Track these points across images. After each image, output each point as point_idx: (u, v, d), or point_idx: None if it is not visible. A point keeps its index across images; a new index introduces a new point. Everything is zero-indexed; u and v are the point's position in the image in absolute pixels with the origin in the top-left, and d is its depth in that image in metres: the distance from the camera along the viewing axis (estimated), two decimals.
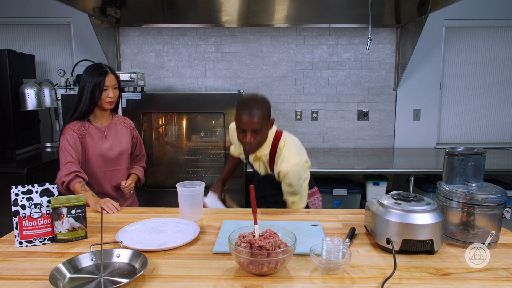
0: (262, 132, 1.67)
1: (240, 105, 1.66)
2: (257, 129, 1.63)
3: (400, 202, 1.24)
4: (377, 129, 3.71)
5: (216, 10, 3.20)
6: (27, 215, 1.29)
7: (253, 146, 1.69)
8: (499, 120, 3.75)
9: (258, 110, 1.63)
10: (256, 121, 1.62)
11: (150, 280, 1.05)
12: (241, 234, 1.14)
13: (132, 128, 2.11)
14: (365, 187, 3.14)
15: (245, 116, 1.62)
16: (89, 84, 1.84)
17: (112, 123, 2.01)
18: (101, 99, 1.87)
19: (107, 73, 1.87)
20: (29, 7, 3.51)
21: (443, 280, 1.05)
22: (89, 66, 1.91)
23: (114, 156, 1.96)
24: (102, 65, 1.91)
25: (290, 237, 1.14)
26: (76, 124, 1.88)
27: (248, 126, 1.62)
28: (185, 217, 1.54)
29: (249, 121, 1.61)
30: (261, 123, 1.64)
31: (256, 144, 1.68)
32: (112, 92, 1.89)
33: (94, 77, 1.84)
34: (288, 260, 1.08)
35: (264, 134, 1.69)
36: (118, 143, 1.98)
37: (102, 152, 1.91)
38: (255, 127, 1.63)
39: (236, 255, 1.07)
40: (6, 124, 3.06)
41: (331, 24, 3.53)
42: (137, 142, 2.15)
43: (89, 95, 1.85)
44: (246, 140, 1.66)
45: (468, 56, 3.65)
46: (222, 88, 3.65)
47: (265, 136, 1.71)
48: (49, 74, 3.66)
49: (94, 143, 1.90)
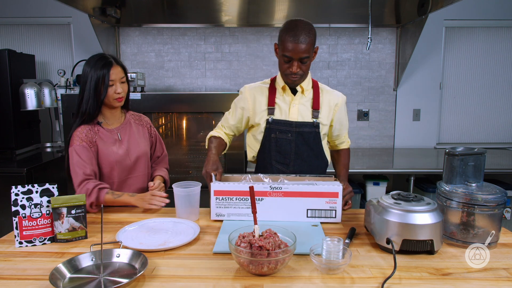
0: (309, 61, 1.57)
1: (286, 30, 1.53)
2: (305, 57, 1.54)
3: (400, 202, 1.24)
4: (377, 129, 3.71)
5: (216, 10, 3.20)
6: (27, 215, 1.29)
7: (298, 76, 1.59)
8: (499, 120, 3.75)
9: (307, 37, 1.51)
10: (305, 48, 1.51)
11: (150, 280, 1.05)
12: (241, 234, 1.13)
13: (150, 126, 1.86)
14: (365, 187, 3.14)
15: (293, 43, 1.50)
16: (92, 79, 1.57)
17: (125, 123, 1.75)
18: (108, 96, 1.60)
19: (112, 65, 1.59)
20: (29, 7, 3.51)
21: (443, 280, 1.05)
22: (91, 57, 1.63)
23: (131, 162, 1.71)
24: (105, 55, 1.62)
25: (290, 237, 1.14)
26: (84, 129, 1.62)
27: (296, 54, 1.52)
28: (181, 218, 1.52)
29: (297, 49, 1.50)
30: (309, 52, 1.53)
31: (301, 74, 1.59)
32: (120, 86, 1.62)
33: (97, 69, 1.57)
34: (288, 260, 1.07)
35: (309, 64, 1.58)
36: (135, 146, 1.73)
37: (117, 159, 1.67)
38: (303, 56, 1.53)
39: (236, 255, 1.07)
40: (6, 124, 3.06)
41: (331, 24, 3.53)
42: (157, 141, 1.89)
43: (92, 92, 1.58)
44: (293, 70, 1.56)
45: (468, 56, 3.66)
46: (222, 88, 3.65)
47: (309, 67, 1.60)
48: (49, 74, 3.66)
49: (108, 149, 1.65)
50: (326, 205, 1.47)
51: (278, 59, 1.64)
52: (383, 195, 1.33)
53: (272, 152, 1.75)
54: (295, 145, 1.72)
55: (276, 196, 1.46)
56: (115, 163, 1.68)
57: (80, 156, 1.58)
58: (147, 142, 1.82)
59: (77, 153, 1.58)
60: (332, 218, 1.48)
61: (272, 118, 1.71)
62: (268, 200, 1.46)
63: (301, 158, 1.74)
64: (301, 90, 1.71)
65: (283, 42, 1.55)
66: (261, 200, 1.46)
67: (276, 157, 1.75)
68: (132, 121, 1.80)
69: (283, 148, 1.73)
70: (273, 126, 1.72)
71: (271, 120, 1.71)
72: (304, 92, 1.71)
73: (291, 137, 1.71)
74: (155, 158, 1.91)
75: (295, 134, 1.71)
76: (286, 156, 1.74)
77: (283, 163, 1.75)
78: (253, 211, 1.18)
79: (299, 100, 1.72)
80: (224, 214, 1.50)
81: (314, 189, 1.46)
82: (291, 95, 1.72)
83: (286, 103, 1.72)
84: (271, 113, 1.72)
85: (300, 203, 1.47)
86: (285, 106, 1.72)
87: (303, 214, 1.47)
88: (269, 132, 1.73)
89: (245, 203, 1.48)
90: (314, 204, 1.47)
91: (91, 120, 1.65)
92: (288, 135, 1.71)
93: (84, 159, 1.59)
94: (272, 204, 1.46)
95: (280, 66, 1.63)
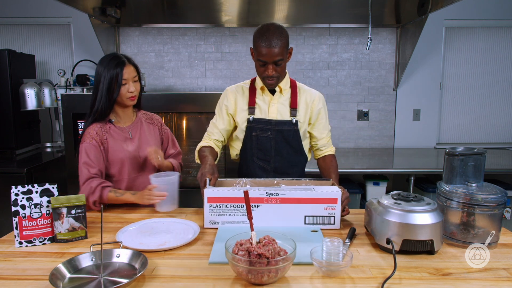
0: (284, 63, 1.63)
1: (258, 36, 1.59)
2: (279, 60, 1.59)
3: (400, 202, 1.24)
4: (377, 129, 3.71)
5: (216, 10, 3.20)
6: (27, 215, 1.29)
7: (275, 78, 1.65)
8: (499, 120, 3.75)
9: (278, 40, 1.56)
10: (278, 51, 1.57)
11: (150, 280, 1.05)
12: (238, 242, 1.08)
13: (160, 125, 1.88)
14: (365, 187, 3.14)
15: (266, 48, 1.56)
16: (105, 78, 1.60)
17: (136, 122, 1.78)
18: (121, 95, 1.64)
19: (125, 64, 1.63)
20: (29, 7, 3.51)
21: (443, 280, 1.05)
22: (104, 57, 1.67)
23: (141, 160, 1.73)
24: (118, 55, 1.66)
25: (289, 244, 1.09)
26: (96, 127, 1.66)
27: (270, 58, 1.58)
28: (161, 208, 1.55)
29: (270, 53, 1.56)
30: (282, 54, 1.59)
31: (277, 76, 1.65)
32: (133, 85, 1.66)
33: (111, 69, 1.60)
34: (288, 268, 1.04)
35: (285, 65, 1.65)
36: (145, 144, 1.75)
37: (128, 156, 1.70)
38: (277, 58, 1.58)
39: (234, 263, 1.01)
40: (6, 124, 3.06)
41: (331, 24, 3.52)
42: (169, 140, 1.90)
43: (105, 91, 1.61)
44: (269, 73, 1.62)
45: (468, 56, 3.66)
46: (222, 88, 3.62)
47: (285, 68, 1.67)
48: (49, 74, 3.66)
49: (118, 146, 1.69)
50: (325, 212, 1.42)
51: (254, 62, 1.70)
52: (383, 195, 1.33)
53: (254, 150, 1.81)
54: (275, 143, 1.78)
55: (273, 202, 1.41)
56: (126, 160, 1.70)
57: (88, 155, 1.63)
58: (157, 141, 1.84)
59: (86, 152, 1.63)
60: (331, 225, 1.43)
61: (252, 117, 1.78)
62: (265, 207, 1.41)
63: (281, 155, 1.80)
64: (279, 90, 1.78)
65: (257, 47, 1.60)
66: (257, 207, 1.41)
67: (258, 154, 1.81)
68: (144, 120, 1.83)
69: (264, 145, 1.79)
70: (254, 124, 1.78)
71: (252, 119, 1.78)
72: (283, 91, 1.78)
73: (271, 135, 1.77)
74: (168, 156, 1.90)
75: (274, 132, 1.77)
76: (267, 153, 1.80)
77: (264, 159, 1.82)
78: (249, 217, 1.12)
79: (278, 99, 1.79)
80: (219, 221, 1.44)
81: (312, 195, 1.41)
82: (269, 95, 1.78)
83: (265, 103, 1.78)
84: (252, 112, 1.79)
85: (297, 210, 1.42)
86: (264, 106, 1.78)
87: (301, 221, 1.43)
88: (250, 130, 1.79)
89: (240, 210, 1.42)
90: (312, 210, 1.42)
91: (103, 118, 1.68)
92: (268, 133, 1.77)
93: (91, 158, 1.63)
94: (268, 211, 1.41)
95: (256, 70, 1.69)
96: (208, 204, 1.43)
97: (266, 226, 1.39)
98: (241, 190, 1.42)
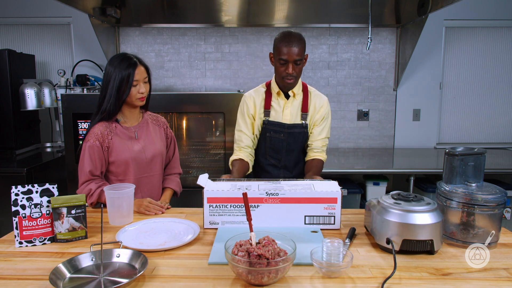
0: (301, 64, 1.81)
1: (281, 38, 1.77)
2: (298, 60, 1.76)
3: (400, 202, 1.24)
4: (377, 129, 3.71)
5: (216, 10, 3.20)
6: (27, 215, 1.29)
7: (293, 78, 1.81)
8: (499, 120, 3.75)
9: (299, 42, 1.76)
10: (298, 51, 1.75)
11: (150, 280, 1.05)
12: (238, 243, 1.07)
13: (166, 127, 1.88)
14: (365, 187, 3.14)
15: (287, 47, 1.74)
16: (116, 79, 1.60)
17: (142, 122, 1.78)
18: (131, 96, 1.64)
19: (137, 65, 1.63)
20: (29, 7, 3.51)
21: (443, 280, 1.05)
22: (114, 57, 1.66)
23: (147, 160, 1.73)
24: (130, 56, 1.65)
25: (289, 245, 1.09)
26: (101, 126, 1.66)
27: (291, 56, 1.74)
28: (114, 222, 1.46)
29: (291, 52, 1.74)
30: (301, 55, 1.77)
31: (295, 76, 1.81)
32: (143, 86, 1.66)
33: (122, 70, 1.60)
34: (288, 268, 1.04)
35: (302, 67, 1.82)
36: (151, 144, 1.75)
37: (133, 156, 1.69)
38: (297, 58, 1.75)
39: (234, 264, 1.01)
40: (6, 124, 3.07)
41: (331, 24, 3.53)
42: (171, 143, 1.90)
43: (115, 91, 1.61)
44: (289, 71, 1.77)
45: (468, 56, 3.66)
46: (222, 88, 3.65)
47: (301, 71, 1.84)
48: (49, 74, 3.66)
49: (124, 145, 1.68)
50: (325, 211, 1.41)
51: (274, 66, 1.86)
52: (383, 195, 1.33)
53: (267, 149, 1.98)
54: (287, 144, 1.95)
55: (273, 202, 1.40)
56: (131, 160, 1.69)
57: (90, 155, 1.63)
58: (163, 142, 1.84)
59: (88, 151, 1.63)
60: (331, 225, 1.42)
61: (267, 119, 1.94)
62: (264, 207, 1.40)
63: (291, 154, 1.98)
64: (293, 95, 1.93)
65: (278, 48, 1.78)
66: (257, 207, 1.40)
67: (270, 153, 1.99)
68: (150, 121, 1.82)
69: (276, 146, 1.96)
70: (268, 126, 1.94)
71: (267, 121, 1.94)
72: (296, 95, 1.94)
73: (283, 137, 1.94)
74: (167, 159, 1.91)
75: (287, 134, 1.94)
76: (279, 152, 1.97)
77: (276, 158, 2.00)
78: (248, 218, 1.11)
79: (291, 103, 1.94)
80: (218, 222, 1.43)
81: (312, 194, 1.40)
82: (284, 99, 1.94)
83: (280, 106, 1.94)
84: (267, 115, 1.95)
85: (297, 210, 1.41)
86: (279, 109, 1.94)
87: (301, 220, 1.42)
88: (264, 131, 1.96)
89: (240, 210, 1.41)
90: (312, 210, 1.41)
91: (110, 118, 1.68)
92: (281, 135, 1.94)
93: (93, 159, 1.63)
94: (268, 211, 1.41)
95: (276, 71, 1.85)
96: (208, 205, 1.43)
97: (266, 227, 1.39)
98: (240, 191, 1.42)
